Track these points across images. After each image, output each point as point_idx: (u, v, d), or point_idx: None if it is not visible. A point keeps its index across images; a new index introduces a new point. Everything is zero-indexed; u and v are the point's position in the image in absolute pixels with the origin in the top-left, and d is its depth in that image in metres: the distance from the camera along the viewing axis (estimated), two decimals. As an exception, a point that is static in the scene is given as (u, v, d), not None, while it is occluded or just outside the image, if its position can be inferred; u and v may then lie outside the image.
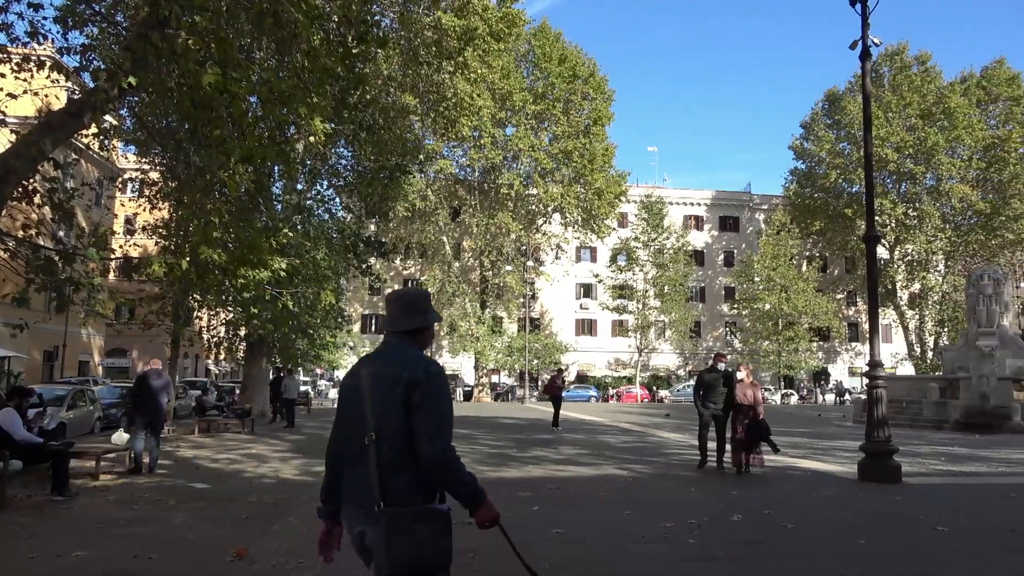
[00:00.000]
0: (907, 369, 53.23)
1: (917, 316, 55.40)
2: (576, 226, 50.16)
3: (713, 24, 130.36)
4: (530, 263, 52.53)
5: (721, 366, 11.30)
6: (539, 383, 57.15)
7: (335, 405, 3.18)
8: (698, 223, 64.05)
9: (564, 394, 52.70)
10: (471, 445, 15.47)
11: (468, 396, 50.55)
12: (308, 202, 22.70)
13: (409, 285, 57.69)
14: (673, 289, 53.79)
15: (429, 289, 51.44)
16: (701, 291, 62.44)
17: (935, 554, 6.03)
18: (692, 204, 64.44)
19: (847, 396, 51.57)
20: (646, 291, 54.41)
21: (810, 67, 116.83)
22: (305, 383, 40.88)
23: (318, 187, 25.00)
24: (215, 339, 24.30)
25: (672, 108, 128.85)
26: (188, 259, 9.42)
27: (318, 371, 48.21)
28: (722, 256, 64.18)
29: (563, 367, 20.62)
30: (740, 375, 11.28)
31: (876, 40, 11.31)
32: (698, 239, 62.64)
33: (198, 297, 19.55)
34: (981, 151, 50.40)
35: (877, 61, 51.71)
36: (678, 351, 56.64)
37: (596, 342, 60.39)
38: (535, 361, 53.08)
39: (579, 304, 61.07)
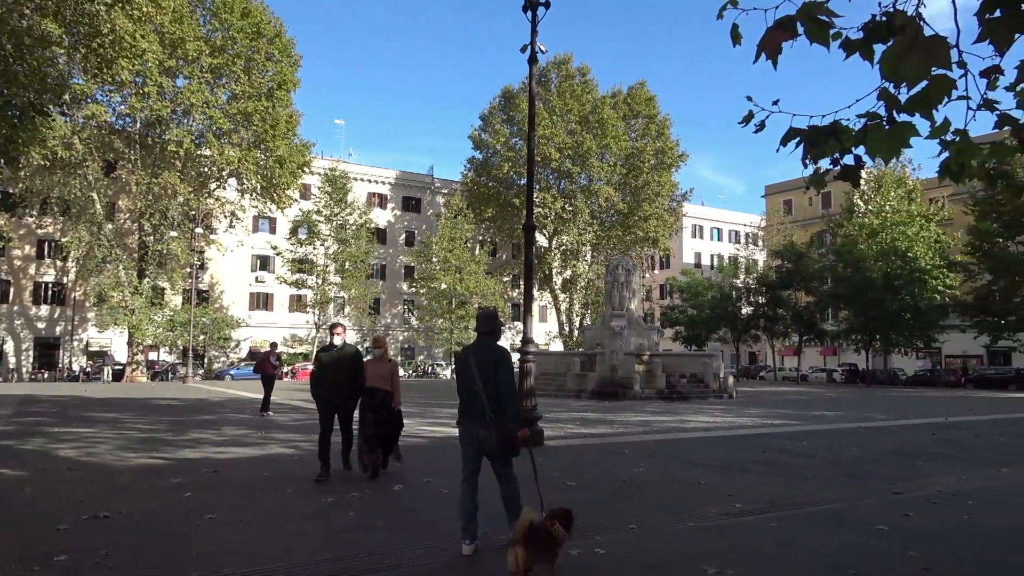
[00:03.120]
0: (558, 346, 60.28)
1: (568, 299, 62.87)
2: (254, 194, 47.40)
3: (408, 9, 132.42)
4: (200, 230, 48.29)
5: (338, 340, 8.59)
6: (205, 361, 53.24)
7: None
8: (382, 201, 64.94)
9: (236, 372, 49.77)
10: (117, 430, 13.83)
11: (119, 376, 45.00)
12: (-101, 135, 18.11)
13: (47, 245, 49.73)
14: (354, 265, 53.91)
15: (72, 253, 44.81)
16: (382, 269, 63.51)
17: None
18: (377, 182, 65.13)
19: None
20: (327, 266, 53.71)
21: (492, 63, 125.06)
22: None
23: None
24: None
25: (362, 85, 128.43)
26: None
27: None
28: (404, 235, 65.94)
29: (275, 342, 18.96)
30: (377, 352, 8.92)
31: (543, 47, 12.45)
32: (381, 217, 63.57)
33: None
34: (624, 159, 58.69)
35: (546, 67, 57.25)
36: (357, 327, 56.92)
37: (272, 317, 58.11)
38: (202, 337, 49.25)
39: (255, 277, 58.09)
